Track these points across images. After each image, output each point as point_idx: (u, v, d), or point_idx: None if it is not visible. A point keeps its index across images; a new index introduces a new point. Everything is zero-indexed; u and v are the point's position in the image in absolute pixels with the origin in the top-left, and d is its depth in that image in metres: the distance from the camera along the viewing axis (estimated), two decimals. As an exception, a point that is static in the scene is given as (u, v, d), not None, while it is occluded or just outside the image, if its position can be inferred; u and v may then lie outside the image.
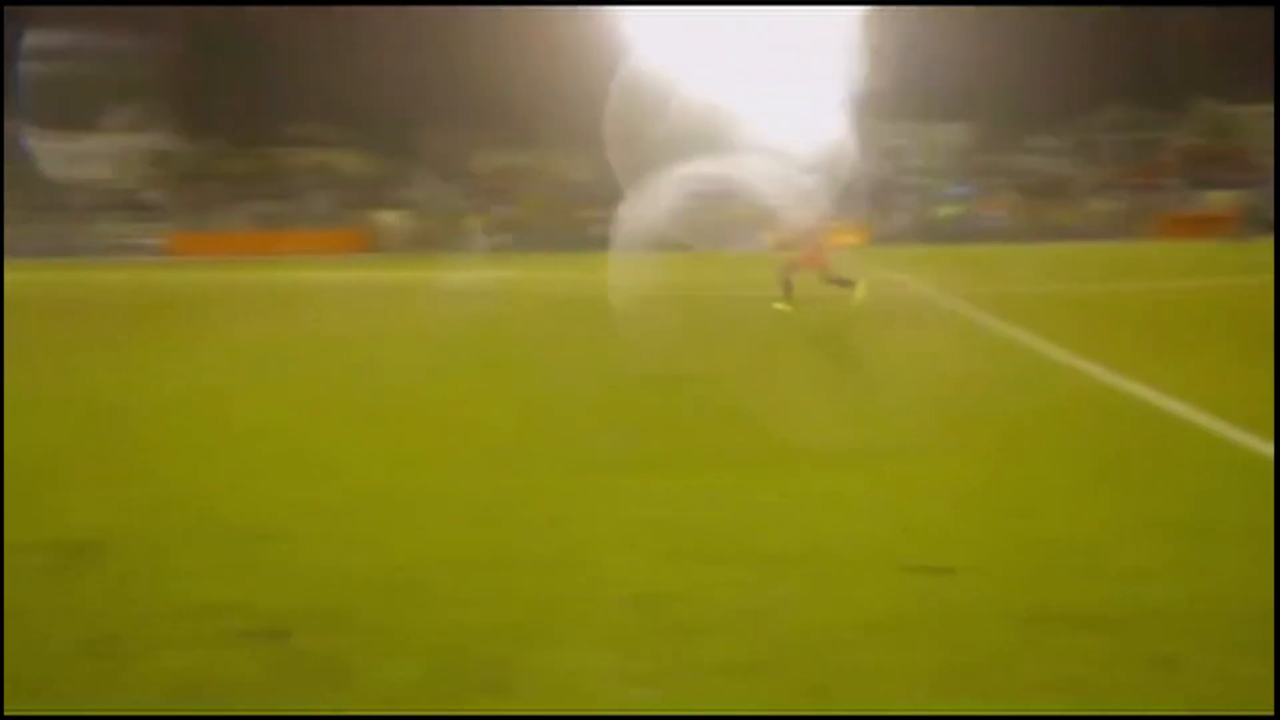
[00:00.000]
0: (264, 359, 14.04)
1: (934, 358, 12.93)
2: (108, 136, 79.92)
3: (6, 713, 2.96)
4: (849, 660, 4.14)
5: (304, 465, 7.63)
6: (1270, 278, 22.63)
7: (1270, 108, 66.74)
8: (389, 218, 68.17)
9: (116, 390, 11.39)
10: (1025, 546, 5.45)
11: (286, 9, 76.73)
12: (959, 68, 70.45)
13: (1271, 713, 3.60)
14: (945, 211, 72.19)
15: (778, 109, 62.56)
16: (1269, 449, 7.27)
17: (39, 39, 72.18)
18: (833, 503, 6.35)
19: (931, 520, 5.94)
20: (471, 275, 33.33)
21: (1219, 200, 60.74)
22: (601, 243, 48.29)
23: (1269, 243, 35.73)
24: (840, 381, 11.82)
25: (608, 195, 58.07)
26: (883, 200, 66.70)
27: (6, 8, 64.58)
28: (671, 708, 3.83)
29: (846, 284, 17.80)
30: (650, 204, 50.05)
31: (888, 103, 69.56)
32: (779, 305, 17.59)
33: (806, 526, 5.89)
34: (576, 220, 65.34)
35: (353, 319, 20.26)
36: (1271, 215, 46.18)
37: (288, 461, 7.79)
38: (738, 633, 4.42)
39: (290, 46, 79.83)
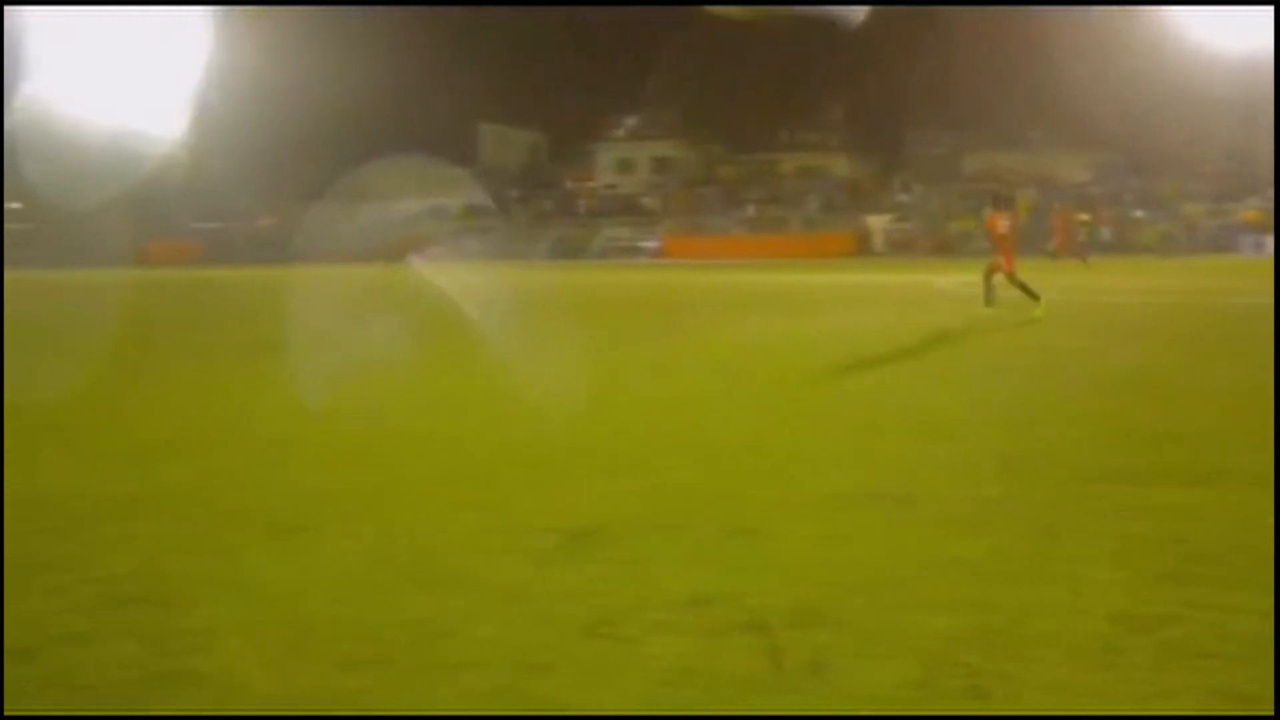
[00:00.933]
0: (747, 359, 14.42)
1: None
2: (613, 143, 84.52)
3: (6, 713, 3.21)
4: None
5: (787, 465, 7.83)
6: None
7: None
8: (879, 221, 68.24)
9: (626, 384, 12.10)
10: None
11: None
12: None
13: (1271, 713, 3.38)
14: None
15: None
16: None
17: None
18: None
19: None
20: (958, 279, 32.86)
21: None
22: (1099, 247, 46.43)
23: None
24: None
25: (1104, 197, 55.72)
26: None
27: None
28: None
29: None
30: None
31: None
32: None
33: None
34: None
35: (836, 320, 20.49)
36: None
37: (768, 462, 8.01)
38: (1236, 661, 4.19)
39: (781, 56, 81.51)
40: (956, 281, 31.90)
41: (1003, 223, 19.85)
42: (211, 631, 4.69)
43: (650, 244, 70.20)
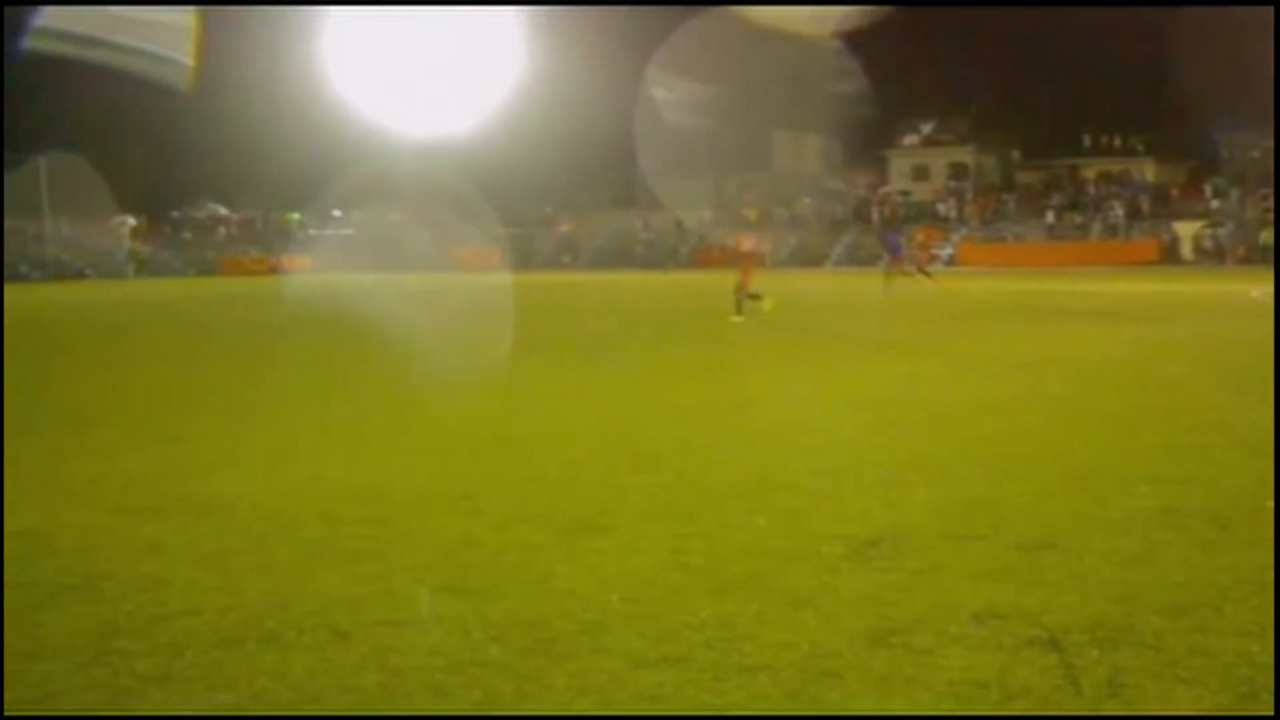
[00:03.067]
0: (1046, 369, 14.02)
1: None
2: (907, 150, 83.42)
3: (6, 713, 3.22)
4: None
5: (1089, 479, 7.58)
6: None
7: None
8: (1188, 229, 65.11)
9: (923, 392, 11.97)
10: None
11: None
12: None
13: (1271, 713, 3.18)
14: None
15: None
16: None
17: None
18: None
19: None
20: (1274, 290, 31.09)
21: None
22: None
23: None
24: None
25: None
26: None
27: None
28: None
29: None
30: None
31: None
32: None
33: None
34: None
35: (1141, 331, 19.67)
36: None
37: (1070, 475, 7.77)
38: None
39: (1085, 55, 78.80)
40: (1273, 292, 30.17)
41: None
42: (510, 625, 4.89)
43: (946, 251, 69.03)
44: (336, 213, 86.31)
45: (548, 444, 9.40)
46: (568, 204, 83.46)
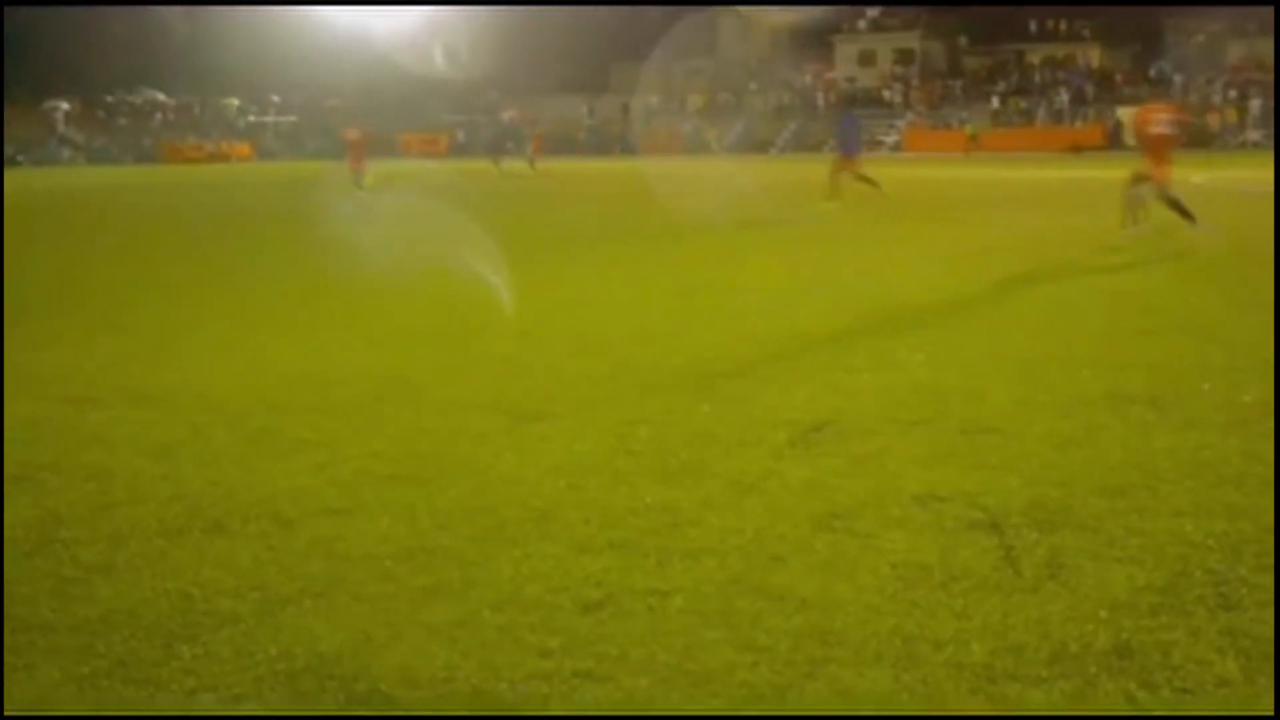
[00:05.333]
0: (991, 257, 14.08)
1: None
2: (854, 35, 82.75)
3: (6, 713, 3.27)
4: None
5: (1032, 365, 7.65)
6: None
7: None
8: (1131, 114, 65.21)
9: (860, 279, 12.00)
10: None
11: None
12: None
13: (1271, 713, 3.24)
14: None
15: None
16: None
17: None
18: None
19: None
20: (1217, 174, 31.33)
21: None
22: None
23: None
24: None
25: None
26: None
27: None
28: None
29: None
30: None
31: None
32: None
33: None
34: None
35: (1085, 218, 19.75)
36: None
37: (1012, 361, 7.84)
38: None
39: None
40: (1216, 177, 30.40)
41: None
42: (457, 512, 4.90)
43: (890, 138, 68.93)
44: (276, 98, 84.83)
45: (494, 333, 9.36)
46: (511, 90, 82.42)
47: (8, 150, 69.92)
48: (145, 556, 4.47)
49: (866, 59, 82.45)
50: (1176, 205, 14.75)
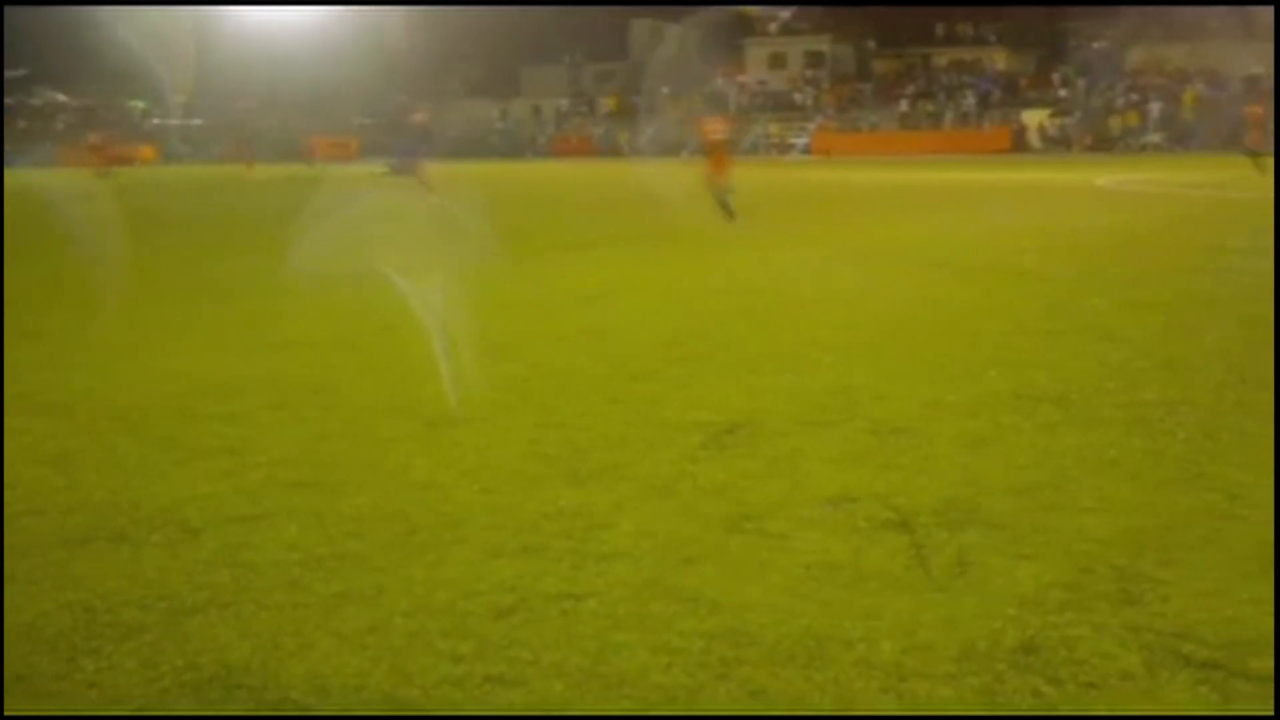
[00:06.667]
0: (897, 258, 14.24)
1: None
2: (764, 39, 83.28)
3: (6, 713, 3.27)
4: None
5: (940, 366, 7.74)
6: None
7: None
8: (1035, 117, 66.28)
9: (770, 281, 12.05)
10: None
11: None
12: None
13: (1271, 713, 3.29)
14: None
15: None
16: None
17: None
18: None
19: None
20: (1120, 177, 31.94)
21: None
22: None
23: None
24: None
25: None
26: None
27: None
28: None
29: None
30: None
31: None
32: None
33: None
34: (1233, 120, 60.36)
35: (990, 220, 20.03)
36: None
37: (920, 362, 7.92)
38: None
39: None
40: (1118, 180, 30.98)
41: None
42: (368, 518, 4.86)
43: (801, 140, 69.45)
44: (181, 99, 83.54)
45: (404, 338, 9.28)
46: (423, 93, 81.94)
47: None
48: (46, 568, 4.38)
49: (777, 62, 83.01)
50: (724, 202, 18.30)
